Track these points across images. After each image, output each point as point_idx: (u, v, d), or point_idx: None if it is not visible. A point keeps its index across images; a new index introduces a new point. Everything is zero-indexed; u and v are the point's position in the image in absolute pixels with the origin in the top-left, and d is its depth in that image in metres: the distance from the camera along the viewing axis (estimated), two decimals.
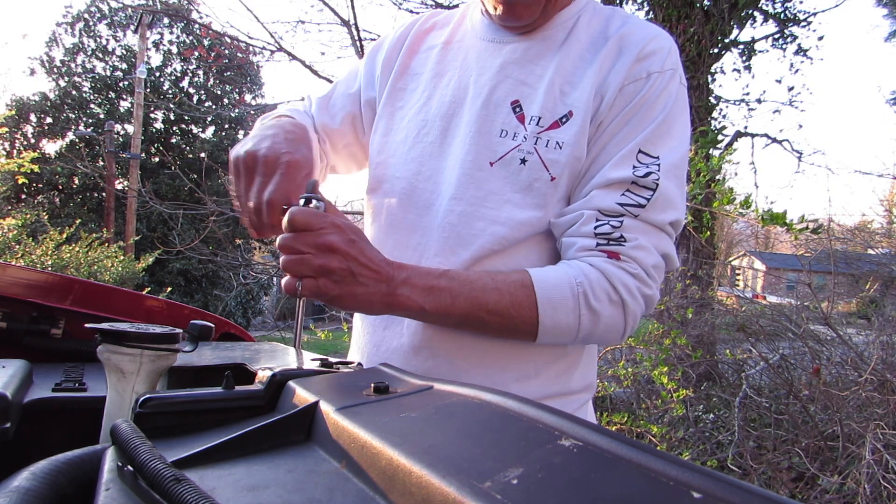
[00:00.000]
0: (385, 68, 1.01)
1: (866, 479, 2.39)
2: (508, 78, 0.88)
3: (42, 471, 0.42)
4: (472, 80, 0.91)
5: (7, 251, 6.05)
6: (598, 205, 0.80)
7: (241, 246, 6.48)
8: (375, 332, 0.93)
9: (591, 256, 0.80)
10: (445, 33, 0.99)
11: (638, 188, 0.80)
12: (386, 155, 0.96)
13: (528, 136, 0.84)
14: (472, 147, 0.86)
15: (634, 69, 0.83)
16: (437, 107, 0.92)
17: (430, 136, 0.91)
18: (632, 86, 0.83)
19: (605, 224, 0.80)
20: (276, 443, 0.45)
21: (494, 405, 0.44)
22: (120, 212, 13.63)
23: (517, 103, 0.86)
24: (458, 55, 0.95)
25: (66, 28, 16.95)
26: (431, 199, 0.88)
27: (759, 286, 14.83)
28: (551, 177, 0.83)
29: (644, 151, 0.81)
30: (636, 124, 0.82)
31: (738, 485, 0.29)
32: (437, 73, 0.95)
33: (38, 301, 0.93)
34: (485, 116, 0.87)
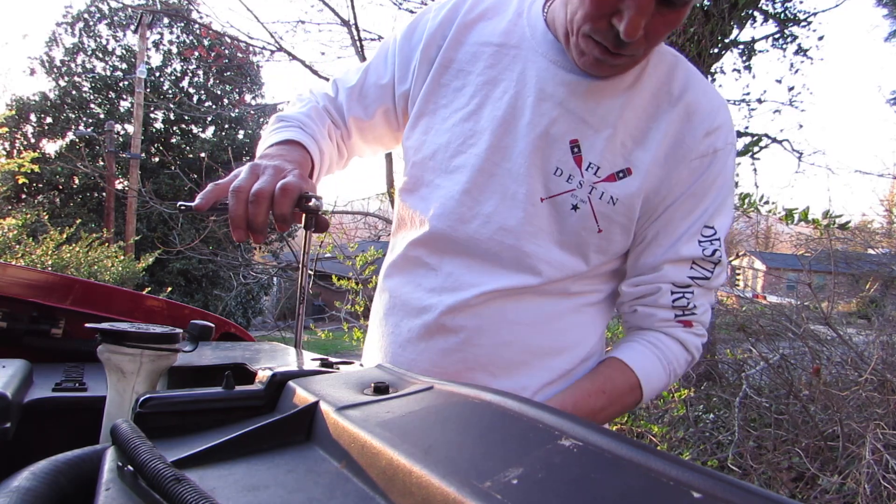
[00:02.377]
0: (424, 59, 0.94)
1: (866, 479, 2.39)
2: (570, 113, 0.85)
3: (42, 471, 0.42)
4: (529, 101, 0.86)
5: (7, 251, 6.05)
6: (671, 279, 0.88)
7: (241, 246, 6.48)
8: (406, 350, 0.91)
9: (672, 328, 0.91)
10: (499, 30, 0.91)
11: (705, 262, 0.88)
12: (424, 156, 0.92)
13: (583, 182, 0.84)
14: (525, 178, 0.85)
15: (703, 144, 0.85)
16: (487, 119, 0.87)
17: (476, 149, 0.87)
18: (698, 161, 0.86)
19: (681, 297, 0.89)
20: (276, 443, 0.45)
21: (494, 405, 0.44)
22: (120, 212, 13.63)
23: (576, 143, 0.85)
24: (514, 65, 0.88)
25: (66, 28, 16.95)
26: (471, 215, 0.87)
27: (759, 286, 14.83)
28: (599, 229, 0.86)
29: (708, 225, 0.88)
30: (702, 199, 0.87)
31: (738, 485, 0.29)
32: (489, 78, 0.89)
33: (38, 301, 0.93)
34: (541, 148, 0.85)
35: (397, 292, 0.93)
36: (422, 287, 0.90)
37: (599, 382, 0.87)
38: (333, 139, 0.98)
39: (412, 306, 0.90)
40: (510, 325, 0.87)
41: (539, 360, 0.88)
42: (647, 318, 0.91)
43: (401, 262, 0.94)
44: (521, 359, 0.87)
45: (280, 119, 0.94)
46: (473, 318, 0.86)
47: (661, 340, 0.90)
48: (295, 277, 6.10)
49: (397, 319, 0.92)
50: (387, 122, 0.99)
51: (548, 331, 0.89)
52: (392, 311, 0.93)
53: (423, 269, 0.91)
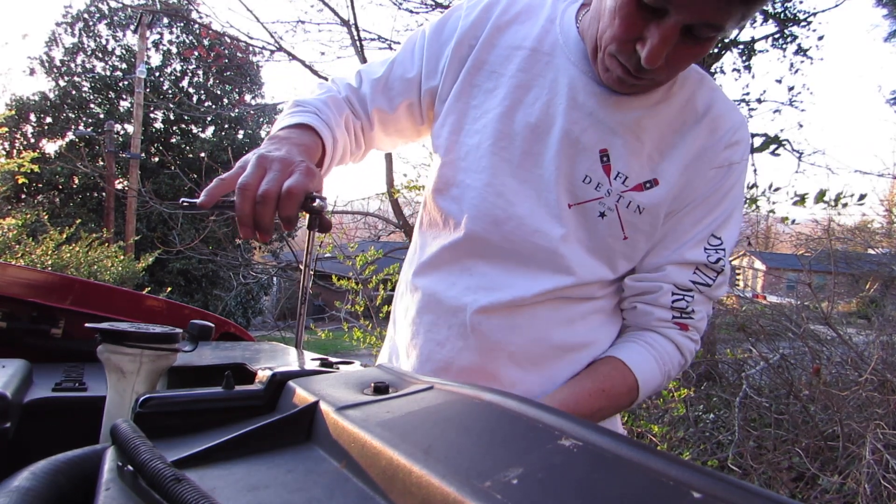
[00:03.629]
0: (455, 58, 0.94)
1: (866, 479, 2.39)
2: (600, 123, 0.87)
3: (42, 471, 0.42)
4: (561, 109, 0.88)
5: (7, 251, 6.04)
6: (674, 280, 0.90)
7: (241, 246, 6.49)
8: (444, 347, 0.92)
9: (666, 328, 0.92)
10: (533, 35, 0.92)
11: (708, 269, 0.91)
12: (455, 156, 0.93)
13: (611, 191, 0.87)
14: (554, 184, 0.87)
15: (722, 155, 0.89)
16: (520, 122, 0.89)
17: (507, 152, 0.89)
18: (715, 171, 0.89)
19: (681, 299, 0.91)
20: (276, 443, 0.45)
21: (494, 405, 0.44)
22: (120, 212, 13.62)
23: (605, 152, 0.87)
24: (547, 71, 0.89)
25: (65, 28, 16.95)
26: (505, 217, 0.89)
27: (759, 286, 14.83)
28: (625, 236, 0.89)
29: (715, 235, 0.91)
30: (713, 209, 0.90)
31: (738, 485, 0.29)
32: (521, 82, 0.90)
33: (38, 301, 0.93)
34: (571, 156, 0.87)
35: (431, 290, 0.93)
36: (457, 286, 0.91)
37: (599, 382, 0.88)
38: (351, 129, 0.96)
39: (448, 305, 0.91)
40: (541, 324, 0.89)
41: (567, 355, 0.91)
42: (645, 317, 0.93)
43: (435, 262, 0.94)
44: (551, 354, 0.90)
45: (297, 104, 0.92)
46: (507, 317, 0.88)
47: (657, 341, 0.92)
48: (295, 277, 6.10)
49: (434, 318, 0.93)
50: (410, 115, 0.99)
51: (574, 329, 0.91)
52: (426, 310, 0.94)
53: (457, 269, 0.92)
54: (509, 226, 0.88)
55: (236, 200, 0.68)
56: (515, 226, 0.88)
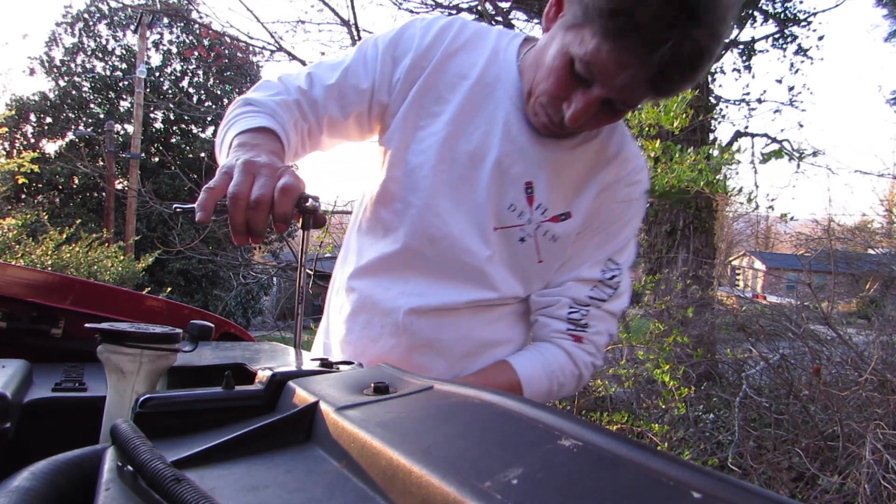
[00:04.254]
0: (408, 79, 0.98)
1: (866, 479, 2.39)
2: (528, 158, 0.96)
3: (42, 471, 0.42)
4: (496, 141, 0.96)
5: (7, 251, 6.04)
6: (572, 295, 1.02)
7: (240, 246, 6.48)
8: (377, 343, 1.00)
9: (561, 339, 1.02)
10: (478, 65, 0.98)
11: (604, 286, 1.03)
12: (400, 172, 0.98)
13: (532, 219, 0.98)
14: (485, 208, 0.97)
15: (624, 191, 1.02)
16: (460, 149, 0.96)
17: (447, 175, 0.96)
18: (617, 206, 1.02)
19: (576, 311, 1.02)
20: (275, 443, 0.45)
21: (494, 405, 0.44)
22: (120, 212, 13.62)
23: (530, 185, 0.97)
24: (487, 102, 0.97)
25: (65, 28, 16.95)
26: (440, 235, 0.97)
27: (759, 286, 14.83)
28: (539, 259, 1.00)
29: (612, 259, 1.03)
30: (613, 237, 1.03)
31: (738, 485, 0.29)
32: (465, 110, 0.97)
33: (38, 301, 0.92)
34: (501, 185, 0.97)
35: (367, 293, 1.01)
36: (391, 290, 0.99)
37: (482, 379, 0.97)
38: (298, 133, 0.98)
39: (383, 306, 0.99)
40: (466, 324, 1.00)
41: (488, 350, 1.02)
42: (543, 328, 1.03)
43: (372, 268, 1.01)
44: (474, 350, 1.01)
45: (248, 102, 0.93)
46: (436, 319, 0.98)
47: (548, 349, 1.02)
48: (294, 278, 6.10)
49: (368, 317, 1.00)
50: (358, 124, 1.03)
51: (494, 328, 1.03)
52: (361, 310, 1.01)
53: (393, 276, 1.00)
54: (444, 244, 0.97)
55: (229, 209, 0.68)
56: (449, 244, 0.97)
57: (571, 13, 0.82)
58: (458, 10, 7.31)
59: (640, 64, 0.76)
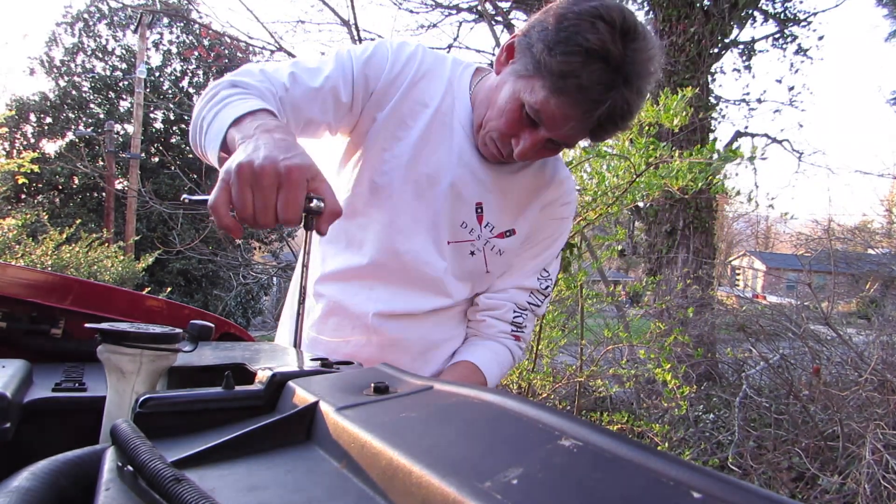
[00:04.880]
0: (377, 101, 1.06)
1: (866, 479, 2.39)
2: (478, 181, 1.10)
3: (42, 471, 0.42)
4: (451, 165, 1.08)
5: (7, 251, 6.04)
6: (515, 301, 1.21)
7: (241, 246, 6.49)
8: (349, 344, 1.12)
9: (506, 339, 1.22)
10: (437, 95, 1.08)
11: (539, 294, 1.23)
12: (364, 189, 1.07)
13: (481, 236, 1.13)
14: (441, 225, 1.09)
15: (558, 210, 1.19)
16: (420, 171, 1.07)
17: (408, 195, 1.07)
18: (553, 223, 1.20)
19: (519, 316, 1.22)
20: (276, 443, 0.45)
21: (494, 405, 0.44)
22: (120, 212, 13.62)
23: (480, 205, 1.11)
24: (443, 130, 1.08)
25: (65, 28, 16.93)
26: (404, 249, 1.08)
27: (759, 286, 14.82)
28: (487, 270, 1.16)
29: (546, 269, 1.22)
30: (546, 249, 1.21)
31: (738, 485, 0.29)
32: (424, 136, 1.07)
33: (38, 301, 0.92)
34: (454, 204, 1.09)
35: (336, 298, 1.11)
36: (359, 296, 1.10)
37: (458, 378, 1.10)
38: None
39: (352, 311, 1.10)
40: (425, 325, 1.13)
41: (440, 346, 1.18)
42: (491, 328, 1.20)
43: (338, 276, 1.11)
44: (431, 346, 1.16)
45: (237, 84, 0.92)
46: (401, 322, 1.11)
47: (498, 349, 1.20)
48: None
49: (339, 320, 1.11)
50: (328, 130, 1.09)
51: (443, 328, 1.18)
52: (332, 314, 1.12)
53: (359, 285, 1.10)
54: (407, 257, 1.08)
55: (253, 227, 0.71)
56: (412, 257, 1.08)
57: (522, 64, 0.94)
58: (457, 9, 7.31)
59: (582, 117, 0.91)
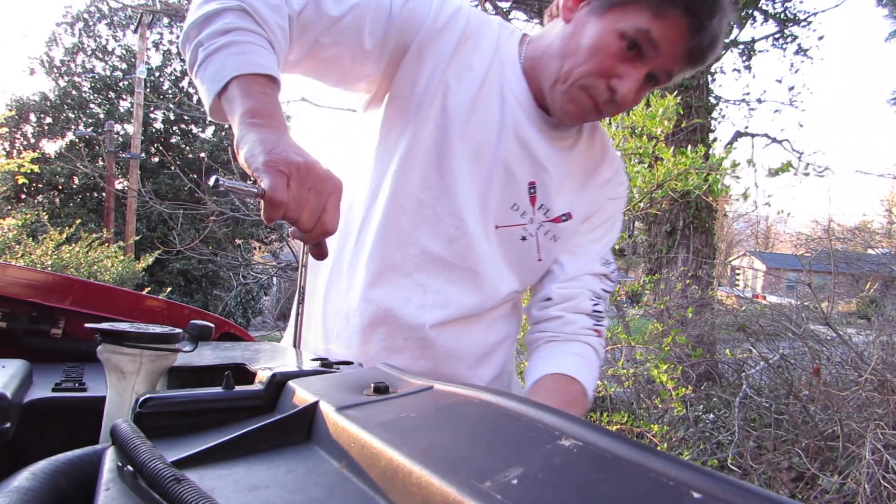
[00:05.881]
0: (415, 59, 0.92)
1: (866, 479, 2.39)
2: (532, 158, 0.97)
3: (42, 471, 0.42)
4: (501, 139, 0.95)
5: (7, 251, 6.04)
6: (591, 288, 1.05)
7: (241, 246, 6.49)
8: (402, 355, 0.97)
9: (589, 336, 1.04)
10: (483, 60, 0.95)
11: (608, 280, 1.08)
12: (405, 166, 0.93)
13: (534, 219, 1.00)
14: (489, 206, 0.97)
15: (616, 189, 1.09)
16: (465, 145, 0.93)
17: (455, 172, 0.93)
18: (611, 203, 1.09)
19: (597, 304, 1.06)
20: (276, 443, 0.45)
21: (494, 405, 0.44)
22: (120, 212, 13.62)
23: (533, 185, 0.98)
24: (492, 99, 0.95)
25: (65, 28, 16.94)
26: (458, 235, 0.95)
27: (759, 286, 14.82)
28: (539, 258, 1.03)
29: (606, 254, 1.08)
30: (609, 231, 1.09)
31: (738, 485, 0.29)
32: (470, 105, 0.93)
33: (38, 301, 0.92)
34: (504, 183, 0.97)
35: (386, 305, 0.96)
36: (412, 302, 0.96)
37: (561, 395, 0.95)
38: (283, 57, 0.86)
39: (405, 321, 0.95)
40: (479, 328, 1.02)
41: (496, 349, 1.05)
42: (570, 325, 1.03)
43: (388, 275, 0.96)
44: (487, 350, 1.04)
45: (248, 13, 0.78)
46: (456, 328, 0.98)
47: (585, 351, 1.03)
48: (294, 277, 6.10)
49: (389, 329, 0.96)
50: (341, 72, 0.92)
51: (496, 327, 1.05)
52: (380, 322, 0.96)
53: (411, 283, 0.96)
54: (462, 244, 0.95)
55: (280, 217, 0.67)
56: (467, 244, 0.95)
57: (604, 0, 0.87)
58: None
59: (685, 40, 0.84)
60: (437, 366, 0.98)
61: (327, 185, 0.68)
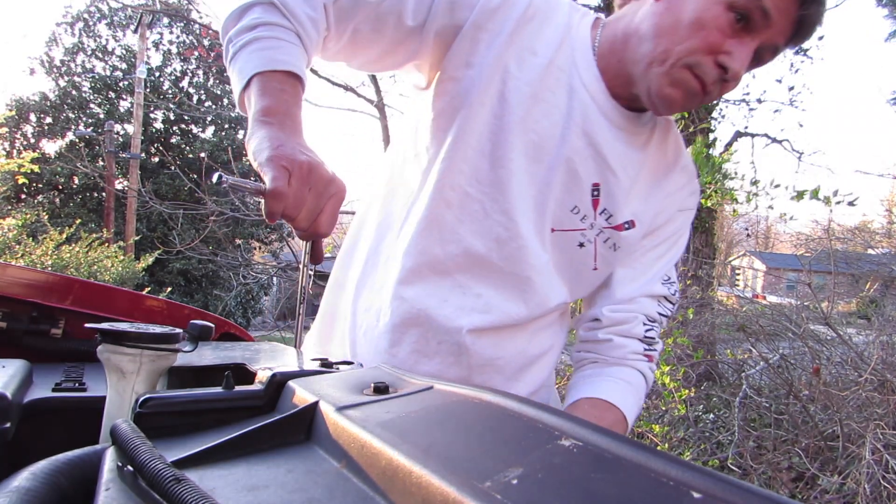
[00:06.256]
0: (469, 39, 0.84)
1: (866, 479, 2.39)
2: (599, 156, 0.87)
3: (42, 471, 0.42)
4: (566, 133, 0.86)
5: (7, 251, 6.04)
6: (646, 311, 0.96)
7: (241, 246, 6.49)
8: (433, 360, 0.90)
9: (639, 361, 0.96)
10: (551, 43, 0.86)
11: (668, 302, 0.98)
12: (455, 156, 0.85)
13: (594, 224, 0.90)
14: (545, 208, 0.88)
15: (687, 200, 0.98)
16: (525, 137, 0.85)
17: (512, 166, 0.85)
18: (680, 215, 0.98)
19: (651, 329, 0.96)
20: (276, 443, 0.45)
21: (494, 405, 0.44)
22: (120, 212, 13.63)
23: (597, 186, 0.88)
24: (557, 89, 0.86)
25: (65, 28, 16.94)
26: (506, 237, 0.86)
27: (759, 286, 14.81)
28: (595, 267, 0.92)
29: (668, 272, 0.98)
30: (672, 247, 0.99)
31: (738, 485, 0.29)
32: (534, 92, 0.85)
33: (38, 301, 0.92)
34: (566, 183, 0.87)
35: (421, 305, 0.88)
36: (449, 304, 0.88)
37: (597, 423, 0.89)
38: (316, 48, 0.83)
39: (440, 323, 0.88)
40: (520, 338, 0.93)
41: (538, 361, 0.97)
42: (620, 349, 0.96)
43: (425, 273, 0.88)
44: (527, 362, 0.95)
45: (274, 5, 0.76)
46: (496, 336, 0.90)
47: (633, 377, 0.95)
48: (295, 277, 6.10)
49: (422, 332, 0.89)
50: (381, 56, 0.87)
51: (541, 339, 0.96)
52: (413, 324, 0.89)
53: (448, 283, 0.88)
54: (511, 246, 0.86)
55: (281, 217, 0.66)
56: (517, 247, 0.86)
57: None
58: None
59: (801, 5, 0.77)
60: (471, 375, 0.90)
61: (329, 187, 0.67)
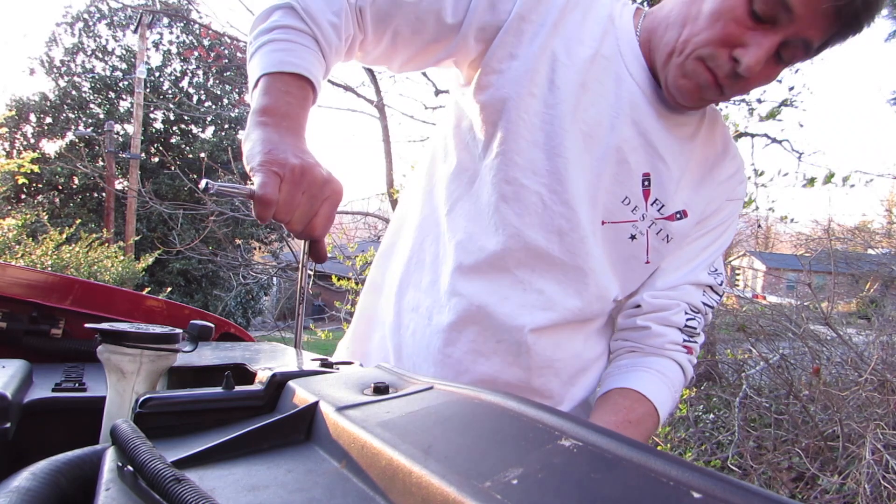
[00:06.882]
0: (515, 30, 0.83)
1: (866, 479, 2.39)
2: (649, 146, 0.85)
3: (42, 471, 0.42)
4: (616, 123, 0.84)
5: (7, 251, 6.04)
6: (689, 300, 0.93)
7: (241, 246, 6.49)
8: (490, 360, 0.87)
9: (677, 352, 0.93)
10: (595, 32, 0.84)
11: (713, 292, 0.95)
12: (508, 148, 0.83)
13: (646, 216, 0.88)
14: (596, 199, 0.85)
15: (736, 190, 0.96)
16: (575, 128, 0.83)
17: (566, 157, 0.83)
18: (729, 205, 0.96)
19: (693, 319, 0.93)
20: (276, 443, 0.45)
21: (494, 405, 0.44)
22: (120, 212, 13.63)
23: (648, 177, 0.87)
24: (605, 78, 0.84)
25: (65, 28, 16.94)
26: (567, 228, 0.84)
27: (759, 286, 14.81)
28: (647, 260, 0.90)
29: (715, 262, 0.95)
30: (720, 236, 0.96)
31: (738, 485, 0.29)
32: (582, 82, 0.83)
33: (38, 301, 0.92)
34: (616, 174, 0.85)
35: (480, 302, 0.85)
36: (510, 301, 0.85)
37: (624, 414, 0.86)
38: (343, 49, 0.83)
39: (501, 322, 0.85)
40: (578, 339, 0.91)
41: (592, 366, 0.95)
42: (658, 338, 0.92)
43: (483, 269, 0.86)
44: (583, 366, 0.93)
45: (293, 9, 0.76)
46: (556, 336, 0.88)
47: (668, 368, 0.92)
48: (295, 277, 6.10)
49: (479, 330, 0.86)
50: (424, 55, 0.85)
51: (592, 343, 0.94)
52: (471, 321, 0.86)
53: (508, 279, 0.86)
54: (573, 238, 0.84)
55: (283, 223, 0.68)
56: (579, 238, 0.84)
57: None
58: None
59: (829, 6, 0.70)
60: (531, 377, 0.87)
61: (323, 189, 0.67)
